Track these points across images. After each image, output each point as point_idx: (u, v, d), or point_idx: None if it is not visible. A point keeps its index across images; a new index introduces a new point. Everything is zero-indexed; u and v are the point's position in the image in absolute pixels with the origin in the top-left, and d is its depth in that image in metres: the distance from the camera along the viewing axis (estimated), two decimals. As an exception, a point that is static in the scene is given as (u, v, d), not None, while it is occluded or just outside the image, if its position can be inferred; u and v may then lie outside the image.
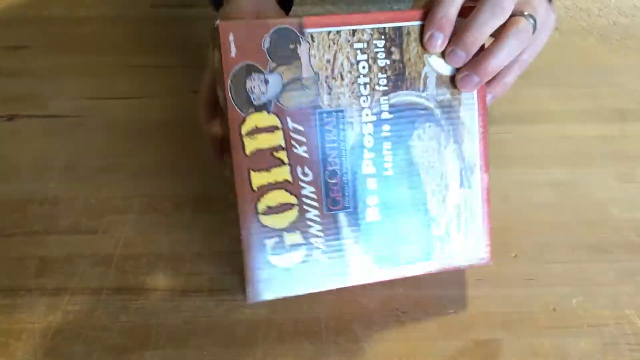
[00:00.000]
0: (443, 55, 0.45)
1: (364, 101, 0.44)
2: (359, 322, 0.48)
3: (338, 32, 0.43)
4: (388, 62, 0.44)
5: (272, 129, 0.43)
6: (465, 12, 0.44)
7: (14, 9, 0.85)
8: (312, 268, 0.45)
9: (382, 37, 0.44)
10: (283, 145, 0.43)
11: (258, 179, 0.43)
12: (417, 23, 0.44)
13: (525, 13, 0.44)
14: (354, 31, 0.43)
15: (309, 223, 0.44)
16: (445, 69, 0.45)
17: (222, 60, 0.41)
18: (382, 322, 0.48)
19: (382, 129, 0.45)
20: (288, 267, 0.45)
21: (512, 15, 0.44)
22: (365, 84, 0.44)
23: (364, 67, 0.44)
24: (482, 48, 0.44)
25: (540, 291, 0.50)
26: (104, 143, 0.64)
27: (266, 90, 0.42)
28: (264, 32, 0.41)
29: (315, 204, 0.44)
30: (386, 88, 0.44)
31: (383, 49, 0.44)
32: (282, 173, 0.43)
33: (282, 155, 0.43)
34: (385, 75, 0.44)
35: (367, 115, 0.44)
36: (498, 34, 0.44)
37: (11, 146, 0.64)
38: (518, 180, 0.59)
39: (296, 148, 0.43)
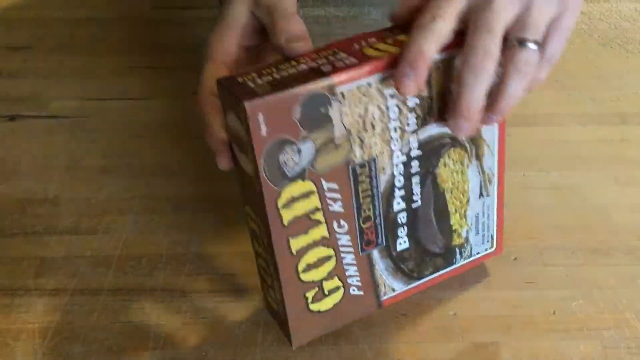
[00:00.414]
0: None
1: (394, 145, 0.42)
2: (358, 324, 0.48)
3: (369, 83, 0.40)
4: (417, 100, 0.42)
5: (307, 194, 0.41)
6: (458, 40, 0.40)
7: (16, 10, 0.85)
8: (350, 303, 0.46)
9: None
10: (319, 206, 0.42)
11: (297, 243, 0.42)
12: (445, 55, 0.41)
13: (529, 38, 0.40)
14: (384, 78, 0.40)
15: (346, 267, 0.45)
16: None
17: (253, 140, 0.37)
18: (382, 323, 0.48)
19: (411, 166, 0.44)
20: (328, 309, 0.45)
21: (510, 44, 0.40)
22: (395, 128, 0.42)
23: (394, 112, 0.41)
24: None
25: (540, 294, 0.50)
26: (104, 143, 0.65)
27: (299, 160, 0.39)
28: (294, 103, 0.38)
29: (351, 249, 0.44)
30: (415, 127, 0.43)
31: None
32: (319, 232, 0.42)
33: (319, 215, 0.42)
34: (414, 115, 0.42)
35: (397, 157, 0.43)
36: (502, 73, 0.41)
37: (12, 146, 0.64)
38: (518, 182, 0.60)
39: (331, 205, 0.42)
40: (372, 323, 0.48)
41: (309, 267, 0.43)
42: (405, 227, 0.46)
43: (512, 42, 0.40)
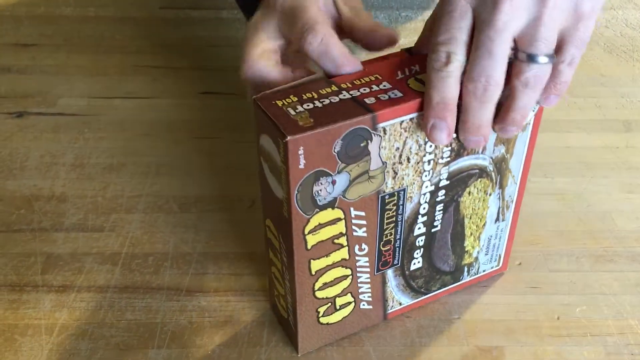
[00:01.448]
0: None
1: (425, 176, 0.42)
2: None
3: (411, 119, 0.39)
4: (455, 135, 0.41)
5: (335, 221, 0.41)
6: None
7: (25, 7, 0.85)
8: (357, 316, 0.47)
9: None
10: (344, 232, 0.41)
11: (317, 265, 0.42)
12: None
13: (539, 53, 0.37)
14: None
15: (360, 285, 0.45)
16: None
17: (290, 172, 0.37)
18: (387, 326, 0.48)
19: (437, 195, 0.44)
20: (336, 321, 0.46)
21: (519, 58, 0.38)
22: (429, 161, 0.42)
23: (430, 146, 0.41)
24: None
25: (544, 299, 0.50)
26: (111, 141, 0.65)
27: (333, 190, 0.39)
28: (336, 138, 0.37)
29: (367, 269, 0.44)
30: (448, 159, 0.42)
31: None
32: (340, 254, 0.42)
33: (342, 240, 0.42)
34: (449, 148, 0.42)
35: (426, 187, 0.43)
36: (511, 87, 0.38)
37: (19, 143, 0.64)
38: (523, 188, 0.60)
39: (356, 231, 0.42)
40: (377, 326, 0.48)
41: (325, 285, 0.43)
42: (422, 249, 0.46)
43: (521, 56, 0.38)
